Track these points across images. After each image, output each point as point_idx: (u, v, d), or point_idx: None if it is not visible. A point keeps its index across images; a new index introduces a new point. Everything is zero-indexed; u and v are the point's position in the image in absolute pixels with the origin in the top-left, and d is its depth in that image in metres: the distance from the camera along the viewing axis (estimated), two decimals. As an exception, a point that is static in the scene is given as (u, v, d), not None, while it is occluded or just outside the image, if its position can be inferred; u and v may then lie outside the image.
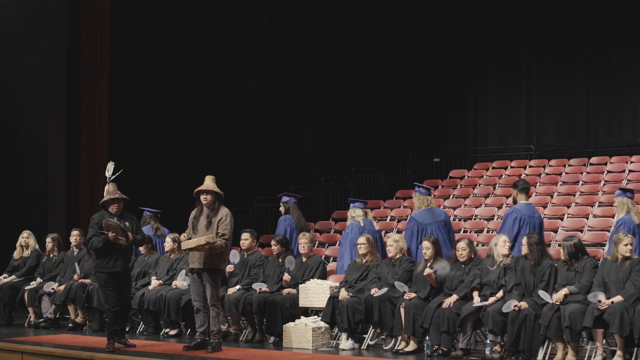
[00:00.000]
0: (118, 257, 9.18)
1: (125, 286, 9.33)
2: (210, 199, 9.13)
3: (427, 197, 10.53)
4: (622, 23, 17.44)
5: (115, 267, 9.18)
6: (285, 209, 11.70)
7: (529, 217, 9.69)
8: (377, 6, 18.37)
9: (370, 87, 18.66)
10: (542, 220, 9.91)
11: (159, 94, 15.45)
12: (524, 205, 9.86)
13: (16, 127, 14.58)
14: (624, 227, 9.20)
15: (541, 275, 8.47)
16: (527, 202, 9.95)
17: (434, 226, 10.22)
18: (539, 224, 9.74)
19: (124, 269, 9.26)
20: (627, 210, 9.42)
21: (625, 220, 9.31)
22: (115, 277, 9.21)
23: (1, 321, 11.88)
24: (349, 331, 9.35)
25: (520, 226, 9.60)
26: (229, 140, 16.37)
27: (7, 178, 14.57)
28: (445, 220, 10.43)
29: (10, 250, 12.60)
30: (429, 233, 10.05)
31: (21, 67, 14.44)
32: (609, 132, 17.72)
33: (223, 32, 16.28)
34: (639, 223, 9.31)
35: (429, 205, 10.45)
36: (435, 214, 10.41)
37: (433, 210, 10.43)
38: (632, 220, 9.29)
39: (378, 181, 17.47)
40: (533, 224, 9.64)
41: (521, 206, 9.83)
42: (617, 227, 9.30)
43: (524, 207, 9.82)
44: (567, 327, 7.98)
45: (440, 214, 10.47)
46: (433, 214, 10.37)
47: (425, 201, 10.46)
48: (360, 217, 10.76)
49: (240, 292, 10.09)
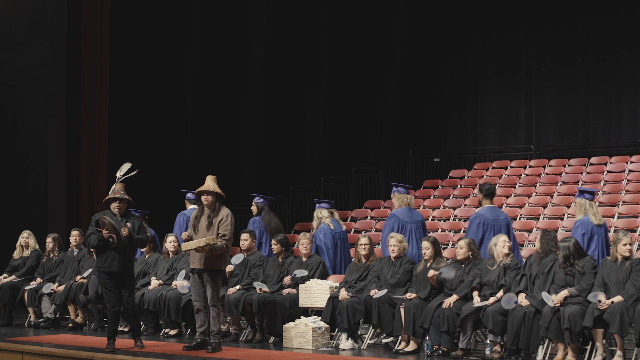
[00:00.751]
0: (114, 257, 9.14)
1: (127, 286, 9.29)
2: (211, 199, 9.13)
3: (407, 196, 10.71)
4: (622, 23, 17.45)
5: (110, 267, 9.15)
6: (258, 210, 11.65)
7: (492, 220, 9.76)
8: (377, 6, 18.38)
9: (370, 87, 18.67)
10: (508, 222, 9.97)
11: (159, 94, 15.46)
12: (487, 209, 9.91)
13: (16, 127, 14.58)
14: (582, 228, 9.34)
15: (544, 266, 8.47)
16: (492, 206, 9.99)
17: (413, 225, 10.41)
18: (505, 226, 9.82)
19: (120, 269, 9.15)
20: (584, 211, 9.50)
21: (583, 221, 9.41)
22: (113, 277, 9.19)
23: (1, 321, 11.87)
24: (349, 331, 9.35)
25: (485, 230, 9.71)
26: (229, 140, 16.37)
27: (7, 178, 14.57)
28: (422, 221, 10.67)
29: (10, 250, 12.60)
30: (408, 230, 10.27)
31: (21, 67, 14.44)
32: (608, 132, 17.73)
33: (223, 32, 16.29)
34: (597, 223, 9.40)
35: (408, 205, 10.63)
36: (414, 214, 10.64)
37: (412, 210, 10.64)
38: (589, 221, 9.38)
39: (378, 181, 17.48)
40: (498, 227, 9.71)
41: (484, 210, 9.90)
42: (575, 229, 9.41)
43: (487, 211, 9.88)
44: (566, 329, 7.97)
45: (418, 215, 10.70)
46: (412, 213, 10.58)
47: (405, 199, 10.64)
48: (328, 219, 10.91)
49: (240, 292, 10.09)
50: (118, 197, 9.24)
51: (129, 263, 9.31)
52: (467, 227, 10.00)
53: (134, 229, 9.26)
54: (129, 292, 9.30)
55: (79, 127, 14.63)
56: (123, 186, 9.36)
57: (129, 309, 9.29)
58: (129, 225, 9.22)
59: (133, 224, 9.29)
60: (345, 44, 17.94)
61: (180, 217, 11.87)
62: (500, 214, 9.94)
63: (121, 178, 9.37)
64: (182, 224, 11.67)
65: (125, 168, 9.43)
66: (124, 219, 9.26)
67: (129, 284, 9.30)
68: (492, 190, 10.01)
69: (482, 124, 19.06)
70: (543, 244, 8.62)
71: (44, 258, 12.19)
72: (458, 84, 19.24)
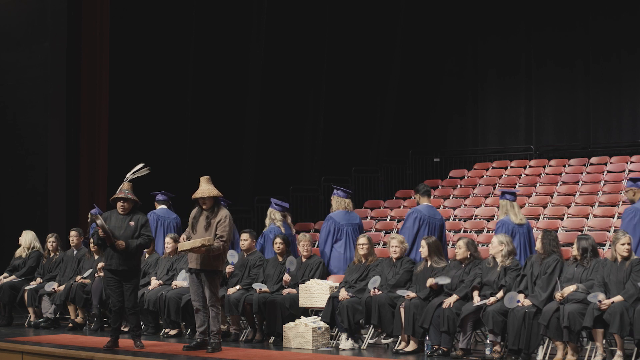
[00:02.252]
0: (113, 255, 9.22)
1: (128, 284, 9.28)
2: (209, 204, 9.14)
3: (345, 200, 10.98)
4: (622, 23, 17.44)
5: (110, 265, 9.24)
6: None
7: (429, 217, 10.17)
8: (377, 6, 18.38)
9: (370, 87, 18.66)
10: (443, 223, 10.39)
11: (159, 94, 15.45)
12: (425, 206, 10.34)
13: (16, 127, 14.58)
14: (503, 228, 9.67)
15: (546, 266, 8.48)
16: (429, 204, 10.40)
17: (350, 228, 10.74)
18: (440, 226, 10.22)
19: (120, 266, 9.19)
20: (505, 212, 9.88)
21: (505, 221, 9.79)
22: (115, 274, 9.23)
23: (1, 321, 11.87)
24: (349, 331, 9.35)
25: (420, 226, 10.10)
26: (229, 140, 16.37)
27: (7, 178, 14.57)
28: (359, 224, 11.00)
29: (10, 250, 12.60)
30: (345, 233, 10.59)
31: (21, 67, 14.44)
32: (608, 132, 17.72)
33: (223, 32, 16.28)
34: (519, 223, 9.78)
35: (345, 208, 10.92)
36: (352, 216, 10.94)
37: (349, 213, 10.93)
38: (511, 221, 9.77)
39: (378, 181, 17.47)
40: (433, 225, 10.15)
41: (423, 207, 10.32)
42: (497, 229, 9.80)
43: (425, 208, 10.31)
44: (565, 327, 7.98)
45: (355, 218, 11.00)
46: (349, 216, 10.89)
47: (343, 203, 10.95)
48: (280, 222, 11.08)
49: (240, 292, 10.09)
50: (122, 197, 9.28)
51: (129, 261, 9.27)
52: (404, 221, 10.40)
53: (136, 228, 9.27)
54: (131, 290, 9.30)
55: (79, 127, 14.63)
56: (131, 186, 9.39)
57: (129, 307, 9.29)
58: (131, 224, 9.24)
59: (136, 223, 9.29)
60: (345, 44, 17.93)
61: (151, 216, 11.90)
62: (437, 214, 10.39)
63: (130, 177, 9.40)
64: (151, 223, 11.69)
65: (137, 168, 9.47)
66: (128, 218, 9.27)
67: (130, 282, 9.29)
68: (427, 189, 10.53)
69: (482, 124, 19.06)
70: (545, 244, 8.62)
71: (44, 258, 12.19)
72: (458, 83, 19.24)
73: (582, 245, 8.44)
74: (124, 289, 9.28)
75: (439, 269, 9.18)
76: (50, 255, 12.15)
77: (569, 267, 8.44)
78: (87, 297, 11.13)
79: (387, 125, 18.81)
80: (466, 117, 19.20)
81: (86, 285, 11.18)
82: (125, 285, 9.28)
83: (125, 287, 9.28)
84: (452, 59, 19.36)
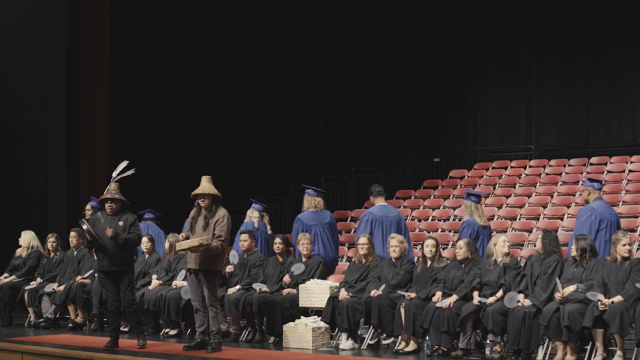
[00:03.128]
0: (104, 256, 9.28)
1: (122, 283, 9.30)
2: (208, 202, 9.14)
3: (316, 199, 11.07)
4: (622, 23, 17.44)
5: (102, 266, 9.31)
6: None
7: (381, 217, 10.43)
8: (377, 6, 18.37)
9: (370, 87, 18.66)
10: (399, 219, 10.53)
11: (159, 94, 15.45)
12: (377, 207, 10.59)
13: (16, 127, 14.58)
14: (468, 229, 9.88)
15: (546, 267, 8.48)
16: (383, 204, 10.63)
17: (319, 227, 10.85)
18: (396, 223, 10.41)
19: (111, 267, 9.24)
20: (470, 213, 10.05)
21: (470, 222, 9.97)
22: (108, 275, 9.28)
23: (1, 321, 11.87)
24: (349, 331, 9.35)
25: (373, 227, 10.32)
26: (229, 140, 16.37)
27: (7, 178, 14.57)
28: (330, 222, 11.03)
29: (10, 250, 12.60)
30: (314, 234, 10.66)
31: (21, 67, 14.43)
32: (608, 132, 17.72)
33: (223, 32, 16.28)
34: (483, 225, 9.98)
35: (316, 207, 11.00)
36: (321, 216, 10.99)
37: (319, 212, 10.99)
38: (475, 222, 9.95)
39: (378, 181, 17.46)
40: (388, 223, 10.38)
41: (375, 208, 10.58)
42: (462, 229, 9.99)
43: (377, 208, 10.55)
44: (565, 327, 7.98)
45: (325, 217, 11.03)
46: (319, 215, 10.96)
47: (314, 202, 11.03)
48: (257, 219, 11.28)
49: (240, 292, 10.09)
50: (109, 197, 9.32)
51: (120, 261, 9.28)
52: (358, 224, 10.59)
53: (125, 228, 9.28)
54: (126, 287, 9.31)
55: (79, 127, 14.63)
56: (117, 186, 9.42)
57: (127, 305, 9.30)
58: (120, 224, 9.25)
59: (125, 222, 9.31)
60: (345, 44, 17.93)
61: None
62: (391, 212, 10.59)
63: (116, 178, 9.41)
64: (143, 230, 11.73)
65: (121, 167, 9.46)
66: (116, 218, 9.30)
67: (124, 281, 9.31)
68: (380, 189, 10.73)
69: (482, 124, 19.05)
70: (545, 244, 8.62)
71: (44, 258, 12.19)
72: (458, 83, 19.24)
73: (580, 246, 8.45)
74: (120, 288, 9.32)
75: (439, 269, 9.18)
76: (51, 255, 12.15)
77: (569, 268, 8.44)
78: (87, 297, 11.13)
79: (387, 125, 18.81)
80: (466, 117, 19.20)
81: (86, 285, 11.19)
82: (120, 284, 9.32)
83: (121, 286, 9.32)
84: (452, 59, 19.36)
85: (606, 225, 9.52)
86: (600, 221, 9.54)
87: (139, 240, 9.65)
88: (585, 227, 9.48)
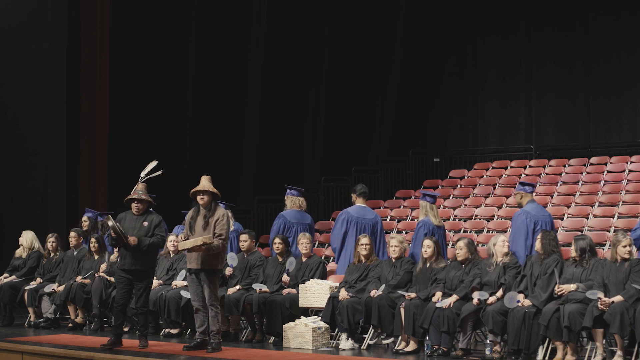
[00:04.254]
0: (126, 255, 9.26)
1: (140, 284, 9.29)
2: (207, 199, 9.13)
3: (299, 199, 11.26)
4: (622, 23, 17.44)
5: (123, 265, 9.29)
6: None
7: (357, 218, 10.56)
8: (377, 6, 18.38)
9: (370, 87, 18.66)
10: (375, 222, 10.65)
11: (159, 94, 15.45)
12: (355, 207, 10.70)
13: (16, 127, 14.58)
14: (424, 228, 10.01)
15: (546, 267, 8.48)
16: (362, 205, 10.72)
17: (300, 227, 10.99)
18: (371, 225, 10.54)
19: (132, 266, 9.22)
20: (425, 213, 10.18)
21: (425, 222, 10.10)
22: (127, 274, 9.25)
23: (1, 321, 11.87)
24: (349, 331, 9.35)
25: (348, 227, 10.46)
26: (229, 140, 16.37)
27: (7, 178, 14.57)
28: (310, 224, 11.31)
29: (10, 250, 12.59)
30: (294, 231, 10.83)
31: (21, 67, 14.43)
32: (608, 132, 17.72)
33: (223, 32, 16.28)
34: (437, 224, 10.14)
35: (300, 207, 11.25)
36: (304, 216, 11.23)
37: (302, 212, 11.23)
38: (431, 222, 10.10)
39: (378, 181, 17.47)
40: (363, 224, 10.52)
41: (352, 209, 10.70)
42: (418, 229, 10.11)
43: (355, 209, 10.67)
44: (566, 327, 7.98)
45: (307, 218, 11.27)
46: (302, 215, 11.19)
47: (297, 202, 11.22)
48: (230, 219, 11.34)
49: (240, 292, 10.09)
50: (136, 198, 9.31)
51: (142, 261, 9.27)
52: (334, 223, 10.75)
53: (150, 228, 9.27)
54: (142, 289, 9.31)
55: (79, 127, 14.63)
56: (145, 186, 9.43)
57: (139, 306, 9.32)
58: (145, 225, 9.26)
59: (150, 223, 9.31)
60: (345, 44, 17.93)
61: None
62: (369, 214, 10.68)
63: (144, 178, 9.41)
64: None
65: (150, 167, 9.47)
66: (142, 218, 9.31)
67: (142, 281, 9.30)
68: (364, 190, 10.81)
69: (482, 124, 19.06)
70: (544, 245, 8.63)
71: (44, 258, 12.18)
72: (458, 83, 19.24)
73: (579, 246, 8.45)
74: (135, 289, 9.31)
75: (439, 269, 9.19)
76: (51, 255, 12.15)
77: (568, 268, 8.44)
78: (87, 297, 11.13)
79: (387, 125, 18.81)
80: (466, 117, 19.20)
81: (86, 285, 11.18)
82: (137, 284, 9.30)
83: (137, 287, 9.31)
84: (452, 59, 19.36)
85: (540, 226, 9.82)
86: (535, 223, 9.87)
87: (163, 243, 9.59)
88: (522, 230, 9.79)
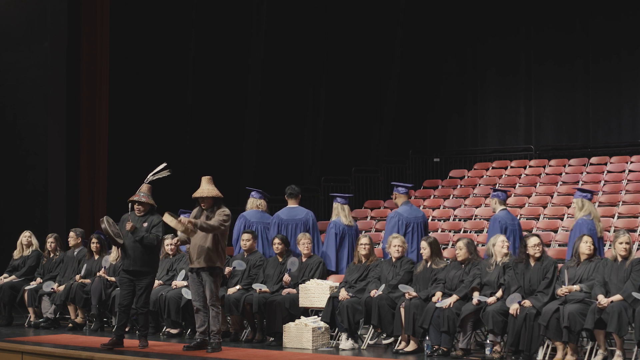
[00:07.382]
0: (125, 255, 9.35)
1: (140, 284, 9.32)
2: (208, 204, 9.16)
3: (258, 200, 11.40)
4: (622, 23, 17.45)
5: (124, 265, 9.39)
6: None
7: (287, 219, 10.81)
8: (377, 6, 18.38)
9: (370, 87, 18.67)
10: (305, 220, 10.87)
11: (159, 94, 15.45)
12: (285, 209, 10.98)
13: (16, 127, 14.57)
14: (335, 228, 10.62)
15: (544, 272, 8.48)
16: (292, 206, 10.98)
17: (261, 225, 11.12)
18: (302, 224, 10.81)
19: (131, 267, 9.27)
20: (337, 214, 10.79)
21: (336, 222, 10.71)
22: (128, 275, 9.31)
23: (1, 321, 11.87)
24: (349, 331, 9.36)
25: (279, 229, 10.76)
26: (229, 140, 16.37)
27: (7, 178, 14.56)
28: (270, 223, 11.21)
29: (10, 250, 12.59)
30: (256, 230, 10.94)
31: (21, 67, 14.42)
32: (608, 132, 17.73)
33: (223, 31, 16.29)
34: (348, 224, 10.73)
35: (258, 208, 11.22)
36: (264, 216, 11.28)
37: (261, 212, 11.29)
38: (341, 222, 10.71)
39: (378, 181, 17.47)
40: (294, 225, 10.80)
41: (282, 211, 10.97)
42: (329, 229, 10.70)
43: (284, 211, 10.95)
44: (565, 328, 7.98)
45: (267, 217, 11.29)
46: (261, 215, 11.24)
47: (255, 203, 11.35)
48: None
49: (240, 292, 10.10)
50: (136, 200, 9.37)
51: (140, 262, 9.29)
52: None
53: (148, 228, 9.31)
54: (142, 290, 9.33)
55: (79, 127, 14.62)
56: (149, 188, 9.47)
57: (139, 307, 9.34)
58: (144, 225, 9.30)
59: (150, 224, 9.35)
60: (345, 44, 17.94)
61: None
62: (298, 213, 10.91)
63: (149, 179, 9.44)
64: None
65: (159, 168, 9.51)
66: (143, 219, 9.36)
67: (142, 281, 9.33)
68: (293, 191, 11.03)
69: (481, 124, 19.07)
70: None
71: (44, 258, 12.18)
72: (458, 83, 19.25)
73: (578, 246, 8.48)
74: (136, 289, 9.35)
75: (439, 269, 9.20)
76: (50, 255, 12.15)
77: (570, 269, 8.45)
78: (87, 297, 11.13)
79: (387, 125, 18.81)
80: (466, 117, 19.21)
81: (86, 285, 11.19)
82: (138, 285, 9.34)
83: (137, 287, 9.34)
84: (452, 59, 19.37)
85: (412, 228, 10.42)
86: (407, 224, 10.42)
87: (156, 241, 9.56)
88: (394, 231, 10.28)
